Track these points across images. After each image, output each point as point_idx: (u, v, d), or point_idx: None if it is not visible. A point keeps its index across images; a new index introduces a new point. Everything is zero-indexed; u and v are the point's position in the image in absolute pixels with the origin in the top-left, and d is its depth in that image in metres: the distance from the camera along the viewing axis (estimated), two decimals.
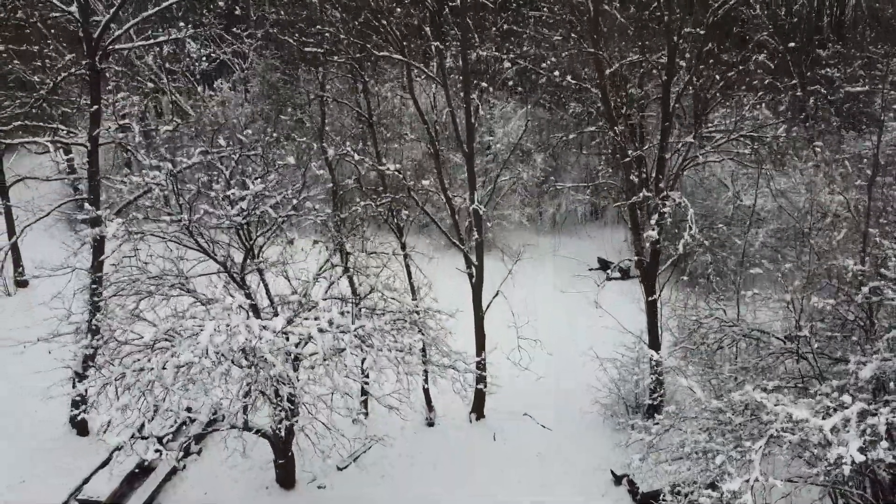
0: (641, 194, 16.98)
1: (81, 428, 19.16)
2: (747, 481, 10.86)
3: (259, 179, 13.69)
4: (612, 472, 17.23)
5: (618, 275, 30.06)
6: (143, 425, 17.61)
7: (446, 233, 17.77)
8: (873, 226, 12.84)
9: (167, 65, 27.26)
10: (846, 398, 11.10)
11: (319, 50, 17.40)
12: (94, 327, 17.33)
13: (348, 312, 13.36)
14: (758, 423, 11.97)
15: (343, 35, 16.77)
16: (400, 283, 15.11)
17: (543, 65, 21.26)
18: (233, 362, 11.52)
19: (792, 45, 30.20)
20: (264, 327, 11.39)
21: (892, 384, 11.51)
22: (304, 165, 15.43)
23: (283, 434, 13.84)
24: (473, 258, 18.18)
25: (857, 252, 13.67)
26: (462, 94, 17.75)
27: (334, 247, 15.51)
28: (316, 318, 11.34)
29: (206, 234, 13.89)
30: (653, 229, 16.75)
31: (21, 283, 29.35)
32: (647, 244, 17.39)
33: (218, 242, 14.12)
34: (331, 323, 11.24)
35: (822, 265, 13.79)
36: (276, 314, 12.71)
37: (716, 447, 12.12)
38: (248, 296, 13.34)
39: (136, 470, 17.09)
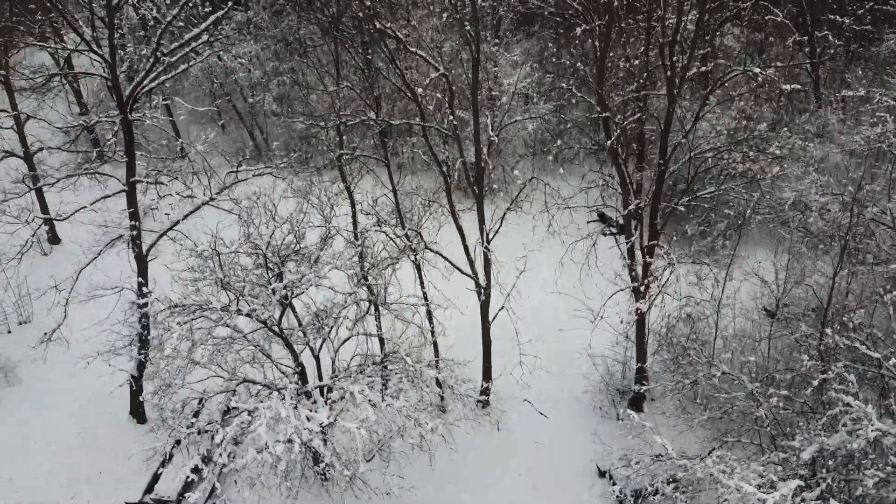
0: None
1: (140, 417, 22.17)
2: None
3: (293, 263, 15.55)
4: (597, 466, 20.34)
5: (614, 230, 31.90)
6: (196, 415, 20.74)
7: (459, 268, 19.57)
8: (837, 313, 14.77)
9: None
10: (784, 486, 13.73)
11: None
12: (144, 339, 20.10)
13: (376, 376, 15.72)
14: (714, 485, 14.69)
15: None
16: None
17: None
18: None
19: None
20: (310, 419, 13.78)
21: (830, 462, 14.07)
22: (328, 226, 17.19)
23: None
24: (482, 281, 20.16)
25: (814, 345, 15.70)
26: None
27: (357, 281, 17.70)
28: (357, 418, 13.66)
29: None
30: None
31: (54, 240, 31.47)
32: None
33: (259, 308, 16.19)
34: (366, 418, 13.61)
35: (783, 360, 15.93)
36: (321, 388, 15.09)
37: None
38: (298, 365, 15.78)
39: (196, 466, 20.19)
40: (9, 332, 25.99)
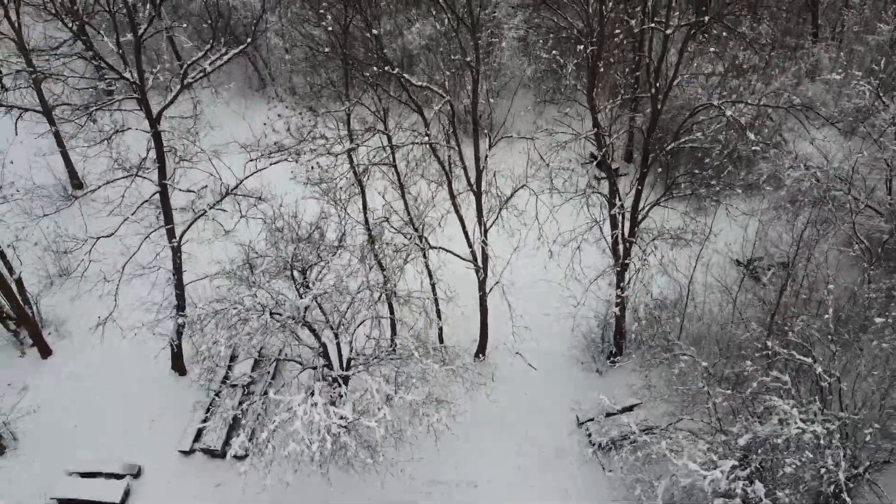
0: None
1: (180, 369, 25.44)
2: None
3: (317, 276, 18.02)
4: (577, 416, 23.88)
5: (604, 175, 33.89)
6: (228, 369, 24.01)
7: (461, 257, 22.00)
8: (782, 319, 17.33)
9: None
10: (723, 464, 17.08)
11: None
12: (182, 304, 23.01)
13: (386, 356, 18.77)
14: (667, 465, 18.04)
15: None
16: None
17: None
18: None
19: None
20: (339, 415, 16.86)
21: (760, 450, 17.35)
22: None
23: None
24: (480, 261, 22.69)
25: (760, 347, 18.42)
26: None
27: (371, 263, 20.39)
28: (375, 416, 16.70)
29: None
30: None
31: (77, 185, 33.51)
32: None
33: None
34: (383, 409, 16.71)
35: (730, 361, 18.75)
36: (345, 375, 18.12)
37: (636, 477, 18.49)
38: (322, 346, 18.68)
39: (235, 417, 23.68)
40: (50, 283, 28.68)
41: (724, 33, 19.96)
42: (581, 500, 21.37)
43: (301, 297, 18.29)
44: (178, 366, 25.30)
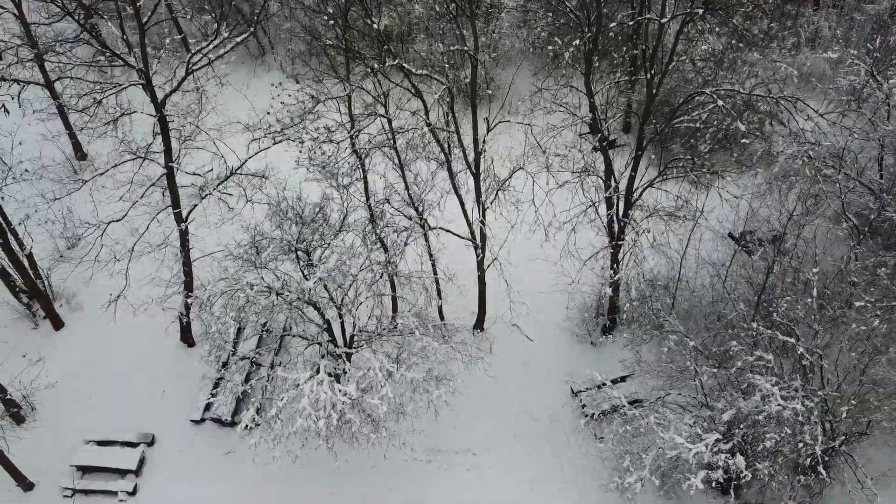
0: None
1: (188, 341, 26.36)
2: (641, 479, 18.51)
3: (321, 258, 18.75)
4: (571, 388, 24.87)
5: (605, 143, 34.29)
6: (236, 344, 24.87)
7: (460, 236, 22.69)
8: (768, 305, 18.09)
9: None
10: (707, 437, 18.05)
11: None
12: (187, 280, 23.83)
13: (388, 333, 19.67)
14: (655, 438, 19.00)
15: None
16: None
17: None
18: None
19: None
20: (344, 392, 17.77)
21: (741, 426, 18.31)
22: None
23: None
24: (478, 240, 23.38)
25: (746, 327, 19.20)
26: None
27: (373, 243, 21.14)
28: (379, 393, 17.62)
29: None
30: None
31: (81, 157, 33.97)
32: None
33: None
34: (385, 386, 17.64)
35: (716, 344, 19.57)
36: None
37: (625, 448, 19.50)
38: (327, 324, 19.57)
39: (245, 392, 24.66)
40: (60, 256, 29.41)
41: (717, 28, 20.24)
42: (574, 468, 22.50)
43: (306, 279, 19.01)
44: (187, 338, 26.21)
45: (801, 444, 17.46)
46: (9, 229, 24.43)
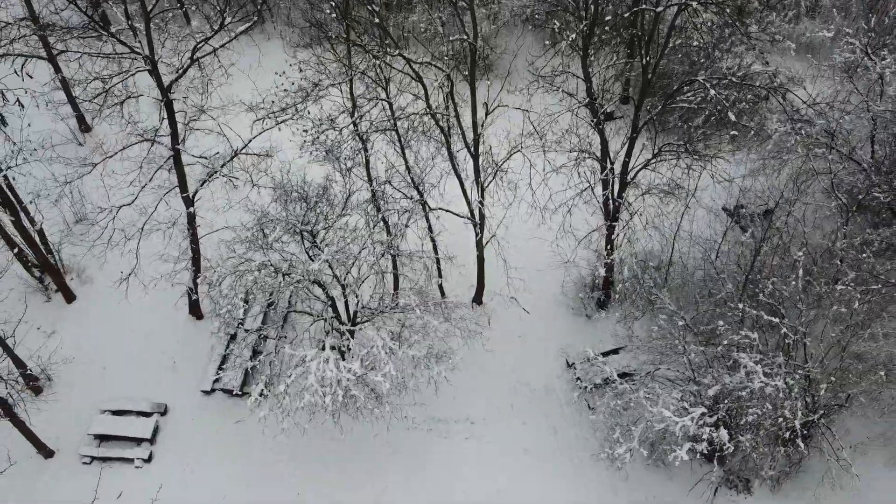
0: None
1: (197, 314, 27.27)
2: (630, 450, 19.59)
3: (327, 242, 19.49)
4: (566, 360, 25.85)
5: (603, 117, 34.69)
6: (244, 316, 25.76)
7: (459, 215, 23.38)
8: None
9: None
10: (693, 411, 19.06)
11: None
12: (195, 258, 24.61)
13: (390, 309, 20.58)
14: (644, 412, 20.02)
15: None
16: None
17: None
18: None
19: None
20: (349, 369, 18.70)
21: (726, 400, 19.29)
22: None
23: None
24: (478, 219, 24.06)
25: (733, 307, 20.02)
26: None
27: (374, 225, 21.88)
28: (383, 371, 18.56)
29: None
30: None
31: (86, 128, 34.40)
32: None
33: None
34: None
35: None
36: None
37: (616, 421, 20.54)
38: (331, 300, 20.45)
39: (253, 366, 25.58)
40: (69, 230, 30.13)
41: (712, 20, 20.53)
42: (567, 438, 23.59)
43: (311, 259, 19.77)
44: (195, 311, 27.10)
45: (781, 419, 18.45)
46: (20, 207, 25.08)
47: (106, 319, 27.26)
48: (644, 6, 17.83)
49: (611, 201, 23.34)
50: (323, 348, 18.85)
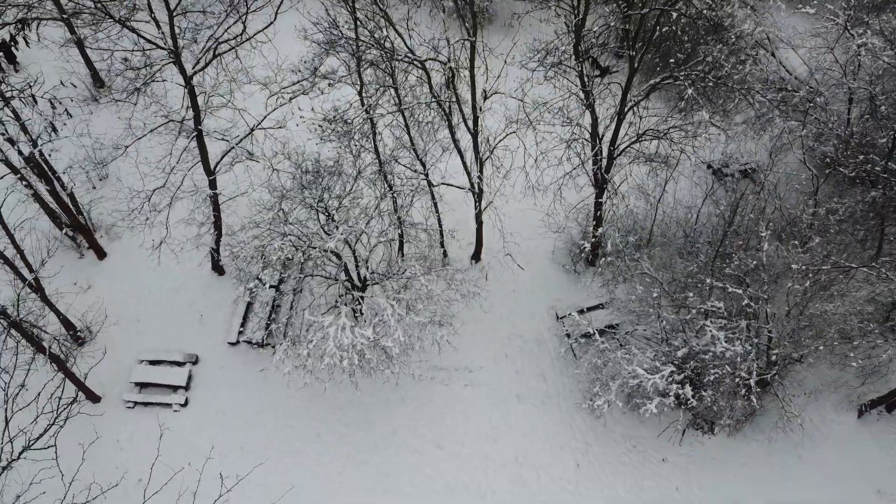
0: None
1: (219, 271, 29.77)
2: (607, 401, 22.54)
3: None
4: (556, 313, 28.53)
5: (596, 72, 36.04)
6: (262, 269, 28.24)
7: (460, 187, 25.51)
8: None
9: None
10: (664, 369, 21.85)
11: None
12: (217, 223, 26.95)
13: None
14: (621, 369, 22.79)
15: None
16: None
17: None
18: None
19: None
20: (363, 335, 21.36)
21: (692, 361, 22.04)
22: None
23: None
24: (476, 189, 26.18)
25: (703, 280, 22.43)
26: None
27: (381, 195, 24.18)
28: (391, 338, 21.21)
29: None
30: None
31: (100, 84, 35.80)
32: None
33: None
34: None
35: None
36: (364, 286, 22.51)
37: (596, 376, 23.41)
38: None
39: (272, 318, 28.23)
40: (94, 187, 32.20)
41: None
42: (556, 383, 26.57)
43: (327, 234, 22.03)
44: (218, 268, 29.59)
45: (738, 378, 21.26)
46: (54, 177, 27.10)
47: (135, 275, 29.72)
48: (632, 12, 19.33)
49: (600, 173, 25.37)
50: (338, 313, 21.41)
